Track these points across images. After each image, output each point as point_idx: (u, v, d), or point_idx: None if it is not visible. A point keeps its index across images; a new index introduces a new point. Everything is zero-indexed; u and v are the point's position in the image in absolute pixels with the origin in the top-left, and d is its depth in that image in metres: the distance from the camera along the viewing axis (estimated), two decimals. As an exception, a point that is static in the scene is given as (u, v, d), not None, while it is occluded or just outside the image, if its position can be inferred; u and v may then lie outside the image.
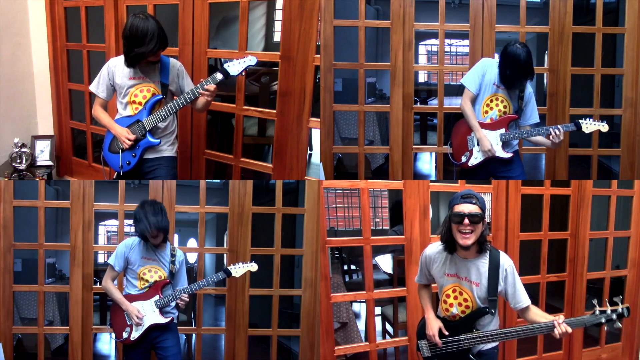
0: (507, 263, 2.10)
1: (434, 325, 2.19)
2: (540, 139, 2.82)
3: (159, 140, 2.83)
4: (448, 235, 2.08)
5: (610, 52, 4.43)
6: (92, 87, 2.91)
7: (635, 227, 3.72)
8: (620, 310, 2.05)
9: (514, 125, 2.85)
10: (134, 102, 2.81)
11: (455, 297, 2.14)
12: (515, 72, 2.71)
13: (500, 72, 2.77)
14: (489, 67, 2.84)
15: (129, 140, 2.77)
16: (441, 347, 2.17)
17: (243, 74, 2.77)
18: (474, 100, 2.87)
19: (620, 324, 2.06)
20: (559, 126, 2.71)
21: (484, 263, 2.10)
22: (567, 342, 3.58)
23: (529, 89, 2.86)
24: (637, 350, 3.86)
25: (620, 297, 2.10)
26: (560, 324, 2.00)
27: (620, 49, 3.86)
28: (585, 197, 3.52)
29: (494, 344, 2.18)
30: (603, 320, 2.04)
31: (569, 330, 2.00)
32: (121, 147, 2.82)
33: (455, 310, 2.15)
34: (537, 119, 2.89)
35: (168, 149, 2.91)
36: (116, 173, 2.92)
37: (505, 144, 2.83)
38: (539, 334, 2.10)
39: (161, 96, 2.81)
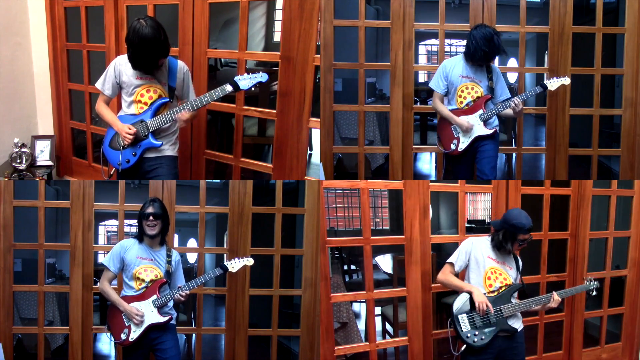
0: (519, 259, 2.82)
1: (482, 296, 2.62)
2: (508, 111, 3.06)
3: (160, 142, 2.83)
4: (506, 245, 2.68)
5: (610, 52, 4.43)
6: (98, 85, 2.91)
7: (635, 227, 3.72)
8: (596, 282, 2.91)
9: (490, 105, 3.09)
10: (139, 101, 2.81)
11: (496, 278, 2.68)
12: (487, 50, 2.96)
13: (473, 54, 3.00)
14: (450, 64, 3.11)
15: (130, 134, 2.77)
16: (485, 315, 2.61)
17: (252, 89, 2.79)
18: (443, 99, 3.17)
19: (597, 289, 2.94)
20: (520, 94, 3.02)
21: (512, 255, 2.79)
22: (567, 342, 3.59)
23: (496, 70, 3.10)
24: (637, 351, 3.86)
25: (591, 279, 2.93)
26: (555, 294, 2.74)
27: (620, 49, 3.86)
28: (585, 197, 3.52)
29: (521, 325, 2.72)
30: (594, 286, 2.90)
31: (560, 299, 2.75)
32: (122, 144, 2.82)
33: (497, 284, 2.68)
34: (508, 94, 3.13)
35: (169, 149, 2.91)
36: (114, 170, 2.92)
37: (486, 123, 3.08)
38: (542, 304, 2.75)
39: (168, 99, 2.81)
